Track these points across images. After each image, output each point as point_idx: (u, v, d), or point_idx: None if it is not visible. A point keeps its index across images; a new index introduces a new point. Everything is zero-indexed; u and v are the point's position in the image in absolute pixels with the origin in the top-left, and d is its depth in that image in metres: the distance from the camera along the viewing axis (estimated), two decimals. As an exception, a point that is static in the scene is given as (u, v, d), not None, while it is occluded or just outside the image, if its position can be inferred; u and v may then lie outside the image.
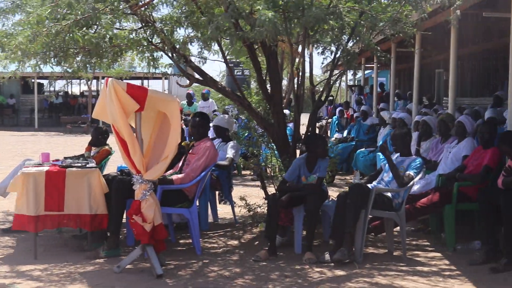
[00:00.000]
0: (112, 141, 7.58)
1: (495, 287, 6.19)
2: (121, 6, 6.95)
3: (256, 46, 8.40)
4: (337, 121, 18.80)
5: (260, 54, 8.91)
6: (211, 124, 9.47)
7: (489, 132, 7.83)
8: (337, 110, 19.94)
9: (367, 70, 27.81)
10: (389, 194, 7.40)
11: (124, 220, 7.50)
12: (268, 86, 8.62)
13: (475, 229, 8.03)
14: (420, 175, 7.57)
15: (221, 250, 7.66)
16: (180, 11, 7.87)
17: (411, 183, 7.37)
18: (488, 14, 13.40)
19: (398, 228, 7.55)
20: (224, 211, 9.59)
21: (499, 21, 14.88)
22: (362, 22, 7.49)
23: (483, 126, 8.01)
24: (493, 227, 6.99)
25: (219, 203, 9.63)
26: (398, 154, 7.80)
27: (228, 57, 9.90)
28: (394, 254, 7.46)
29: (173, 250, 7.53)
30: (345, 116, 19.45)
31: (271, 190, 8.74)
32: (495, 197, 6.89)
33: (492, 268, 6.66)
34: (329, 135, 18.44)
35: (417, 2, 7.03)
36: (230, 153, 9.13)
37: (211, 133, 10.45)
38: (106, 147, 8.72)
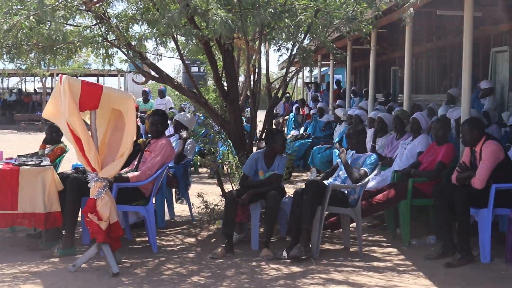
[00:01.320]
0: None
1: (449, 282, 6.27)
2: (75, 3, 6.87)
3: (212, 43, 8.38)
4: (293, 118, 18.86)
5: (217, 52, 8.90)
6: (169, 122, 9.43)
7: (443, 129, 7.93)
8: (294, 107, 20.01)
9: (323, 67, 27.98)
10: (345, 191, 7.45)
11: (79, 219, 7.41)
12: (224, 83, 8.61)
13: (430, 225, 8.13)
14: (375, 172, 7.63)
15: (177, 247, 7.63)
16: (135, 7, 7.81)
17: (366, 179, 7.43)
18: (442, 12, 13.57)
19: (354, 224, 7.60)
20: (180, 208, 9.56)
21: (453, 18, 15.10)
22: (317, 20, 7.52)
23: (436, 123, 8.10)
24: (448, 223, 7.07)
25: (176, 200, 9.59)
26: (354, 151, 7.84)
27: (185, 54, 9.86)
28: (350, 250, 7.51)
29: (129, 248, 7.48)
30: (301, 113, 19.53)
31: (228, 187, 8.73)
32: (449, 192, 6.98)
33: (446, 263, 6.74)
34: (285, 132, 18.49)
35: (372, 0, 7.08)
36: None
37: (169, 129, 10.43)
38: (61, 144, 8.62)
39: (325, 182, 7.58)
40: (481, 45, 15.48)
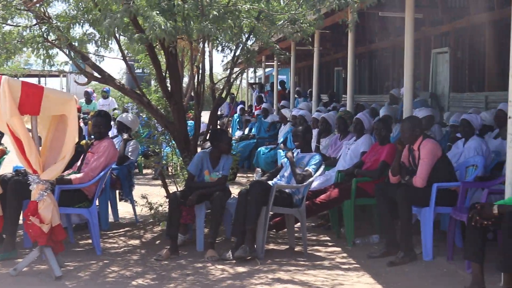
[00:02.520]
0: (6, 140, 7.36)
1: (392, 279, 6.34)
2: (14, 2, 6.75)
3: (155, 44, 8.33)
4: (238, 119, 18.88)
5: (161, 52, 8.84)
6: (112, 123, 9.34)
7: (385, 129, 8.03)
8: (238, 108, 20.02)
9: (267, 68, 28.07)
10: (289, 191, 7.48)
11: (20, 222, 7.28)
12: (168, 84, 8.56)
13: (373, 224, 8.23)
14: (319, 172, 7.68)
15: (121, 250, 7.56)
16: (76, 8, 7.71)
17: (310, 179, 7.48)
18: (384, 14, 13.74)
19: (299, 224, 7.64)
20: (124, 210, 9.46)
21: (395, 20, 15.30)
22: (260, 22, 7.54)
23: (379, 123, 8.19)
24: (390, 222, 7.16)
25: (120, 199, 9.50)
26: (299, 150, 7.89)
27: (128, 55, 9.78)
28: (295, 249, 7.54)
29: (72, 251, 7.38)
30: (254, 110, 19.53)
31: (173, 188, 8.69)
32: (392, 192, 7.06)
33: (389, 262, 6.83)
34: (230, 133, 18.47)
35: (314, 2, 7.12)
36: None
37: (113, 131, 10.32)
38: (1, 146, 8.46)
39: (270, 182, 7.60)
40: (422, 46, 15.74)
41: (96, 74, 8.42)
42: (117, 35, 7.84)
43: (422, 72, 16.04)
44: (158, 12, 6.05)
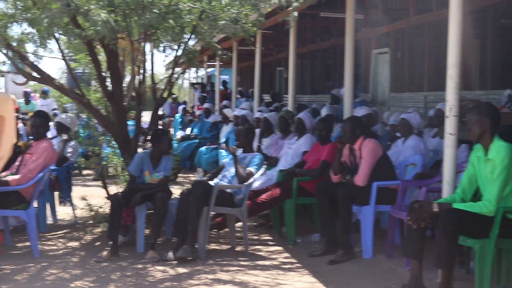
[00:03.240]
0: None
1: (333, 278, 6.39)
2: None
3: (96, 43, 8.22)
4: (180, 119, 18.80)
5: (102, 52, 8.73)
6: (51, 123, 9.20)
7: (326, 128, 8.09)
8: (180, 108, 19.94)
9: (210, 68, 28.01)
10: (231, 191, 7.47)
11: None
12: (109, 84, 8.46)
13: (314, 223, 8.29)
14: (261, 171, 7.69)
15: (60, 252, 7.44)
16: (14, 6, 7.55)
17: (252, 179, 7.49)
18: (325, 14, 13.88)
19: (240, 223, 7.64)
20: (64, 212, 9.32)
21: (336, 20, 15.45)
22: (202, 22, 7.51)
23: (320, 123, 8.25)
24: (331, 220, 7.21)
25: (59, 204, 9.35)
26: (241, 150, 7.89)
27: (67, 55, 9.63)
28: (236, 249, 7.54)
29: (9, 254, 7.23)
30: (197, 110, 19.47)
31: (113, 189, 8.59)
32: (333, 191, 7.12)
33: (330, 260, 6.88)
34: (172, 133, 18.40)
35: (256, 2, 7.13)
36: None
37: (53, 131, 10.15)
38: None
39: (211, 182, 7.58)
40: (363, 47, 15.92)
41: (35, 74, 8.27)
42: (56, 34, 7.71)
43: (363, 73, 16.22)
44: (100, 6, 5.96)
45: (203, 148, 13.05)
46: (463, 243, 5.37)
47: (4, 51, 7.84)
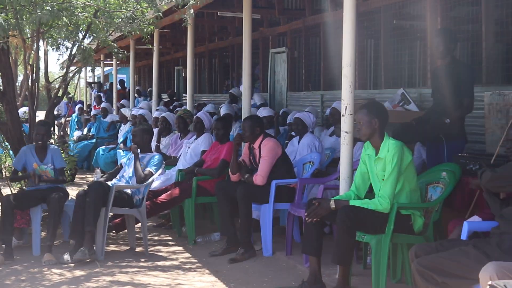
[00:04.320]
0: None
1: (233, 276, 6.40)
2: None
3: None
4: (76, 119, 18.45)
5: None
6: None
7: (224, 127, 8.10)
8: (77, 107, 19.57)
9: (106, 66, 27.62)
10: (129, 191, 7.38)
11: None
12: (0, 83, 8.21)
13: (214, 222, 8.29)
14: (160, 171, 7.64)
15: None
16: None
17: (151, 179, 7.42)
18: (223, 13, 13.89)
19: (140, 224, 7.56)
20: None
21: (234, 20, 15.50)
22: (97, 19, 7.39)
23: (218, 122, 8.25)
24: (231, 219, 7.23)
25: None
26: (139, 150, 7.80)
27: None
28: (136, 250, 7.45)
29: None
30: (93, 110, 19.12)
31: (6, 191, 8.33)
32: (232, 190, 7.14)
33: (230, 259, 6.90)
34: (68, 133, 18.06)
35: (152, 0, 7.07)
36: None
37: None
38: None
39: (109, 183, 7.47)
40: (261, 46, 16.04)
41: None
42: None
43: (261, 71, 16.35)
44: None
45: (100, 148, 12.86)
46: (360, 239, 5.48)
47: None
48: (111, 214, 7.35)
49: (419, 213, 5.49)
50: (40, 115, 8.51)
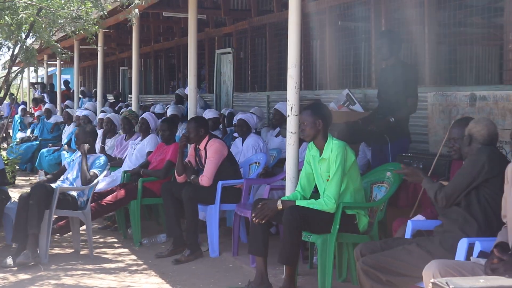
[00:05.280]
0: None
1: (179, 278, 6.37)
2: None
3: None
4: (19, 120, 18.15)
5: None
6: None
7: (170, 129, 8.06)
8: (20, 108, 19.26)
9: (50, 67, 27.24)
10: (74, 193, 7.29)
11: None
12: None
13: (161, 223, 8.24)
14: (104, 173, 7.56)
15: None
16: None
17: (96, 181, 7.34)
18: (168, 14, 13.84)
19: (84, 226, 7.47)
20: None
21: (179, 20, 15.45)
22: (40, 18, 7.29)
23: (163, 123, 8.22)
24: (177, 220, 7.20)
25: None
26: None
27: None
28: (81, 253, 7.36)
29: None
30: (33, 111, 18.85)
31: None
32: (178, 191, 7.10)
33: (175, 260, 6.87)
34: (11, 135, 17.78)
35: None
36: None
37: None
38: None
39: (53, 184, 7.36)
40: (206, 47, 16.02)
41: None
42: None
43: (207, 72, 16.33)
44: None
45: (44, 150, 12.68)
46: (306, 239, 5.53)
47: None
48: (55, 216, 7.26)
49: (364, 212, 5.56)
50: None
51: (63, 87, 20.73)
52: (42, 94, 21.69)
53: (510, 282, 3.13)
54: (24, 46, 7.79)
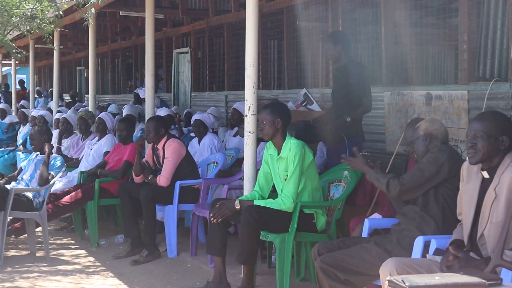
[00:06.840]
0: None
1: (137, 279, 6.34)
2: None
3: None
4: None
5: None
6: None
7: (127, 129, 8.01)
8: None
9: (5, 66, 26.89)
10: (29, 194, 7.19)
11: None
12: None
13: (118, 224, 8.19)
14: (61, 173, 7.48)
15: None
16: None
17: (52, 181, 7.26)
18: (125, 13, 13.75)
19: (40, 228, 7.38)
20: None
21: (136, 19, 15.36)
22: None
23: (121, 123, 8.16)
24: (134, 221, 7.16)
25: None
26: (38, 152, 7.61)
27: None
28: (37, 255, 7.28)
29: None
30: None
31: None
32: (135, 191, 7.06)
33: (133, 260, 6.83)
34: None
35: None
36: None
37: None
38: None
39: (8, 186, 7.26)
40: (164, 46, 15.96)
41: None
42: None
43: (165, 72, 16.26)
44: None
45: (-1, 151, 12.49)
46: (264, 239, 5.53)
47: None
48: (10, 218, 7.16)
49: (322, 211, 5.59)
50: None
51: (18, 86, 20.45)
52: (-2, 94, 21.39)
53: (464, 279, 3.17)
54: (-22, 45, 7.69)
